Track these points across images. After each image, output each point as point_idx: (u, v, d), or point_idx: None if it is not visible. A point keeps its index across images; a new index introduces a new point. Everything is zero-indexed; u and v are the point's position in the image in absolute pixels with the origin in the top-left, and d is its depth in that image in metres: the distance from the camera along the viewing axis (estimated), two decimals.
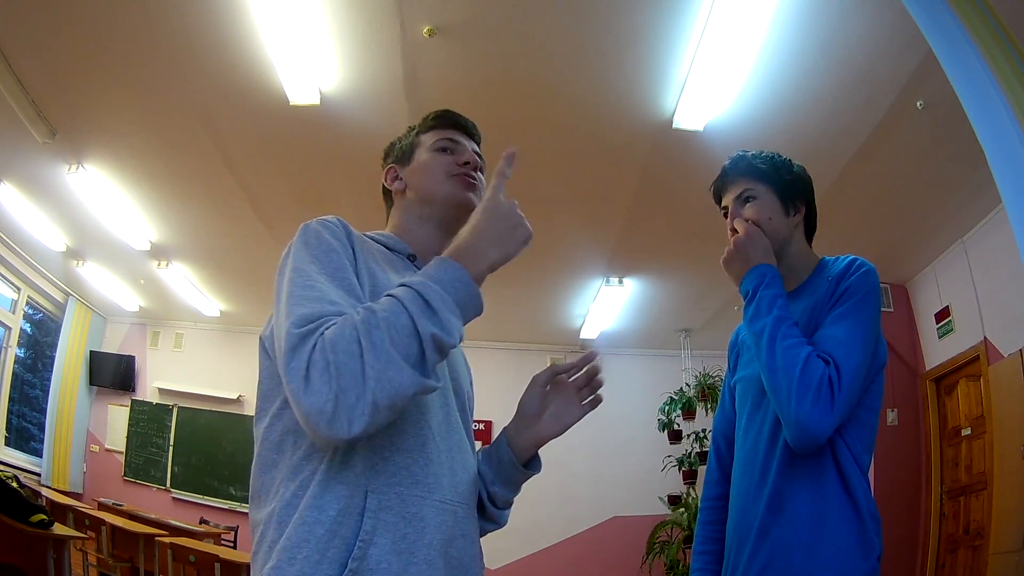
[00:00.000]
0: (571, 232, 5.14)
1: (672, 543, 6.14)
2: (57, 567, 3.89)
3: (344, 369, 0.75)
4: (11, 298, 6.36)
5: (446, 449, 0.94)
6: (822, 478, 1.23)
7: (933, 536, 4.82)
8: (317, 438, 0.78)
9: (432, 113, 1.22)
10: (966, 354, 4.70)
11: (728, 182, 1.45)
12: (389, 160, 1.22)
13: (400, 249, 1.10)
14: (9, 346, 6.25)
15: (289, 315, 0.82)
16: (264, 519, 0.86)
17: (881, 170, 4.07)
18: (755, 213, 1.39)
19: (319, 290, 0.85)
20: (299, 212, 1.07)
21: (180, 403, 7.28)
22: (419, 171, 1.15)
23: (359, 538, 0.82)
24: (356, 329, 0.77)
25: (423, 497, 0.88)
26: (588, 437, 7.27)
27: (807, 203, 1.44)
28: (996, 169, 1.63)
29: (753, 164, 1.42)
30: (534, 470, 1.11)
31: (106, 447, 7.27)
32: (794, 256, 1.41)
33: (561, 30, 3.23)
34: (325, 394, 0.75)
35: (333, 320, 0.80)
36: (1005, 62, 1.64)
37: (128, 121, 4.10)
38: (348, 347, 0.76)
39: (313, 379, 0.75)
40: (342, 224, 0.98)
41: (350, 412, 0.75)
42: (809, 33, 3.10)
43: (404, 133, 1.25)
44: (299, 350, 0.77)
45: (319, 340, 0.77)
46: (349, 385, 0.75)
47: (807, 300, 1.35)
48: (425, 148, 1.17)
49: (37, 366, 6.85)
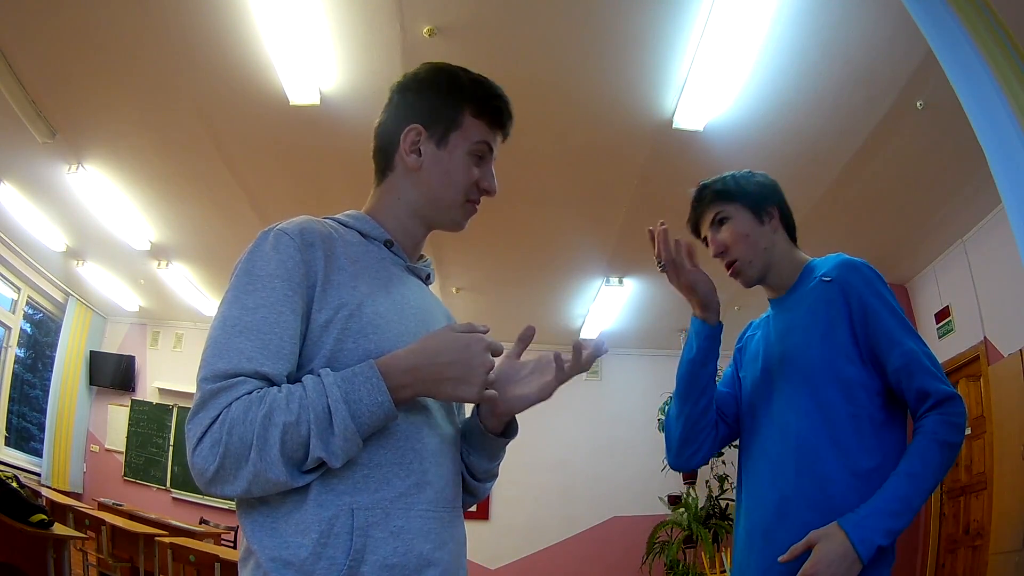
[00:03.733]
0: (571, 232, 5.14)
1: (672, 543, 6.14)
2: (57, 567, 3.89)
3: (231, 452, 0.79)
4: (11, 298, 6.36)
5: (428, 456, 0.92)
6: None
7: (933, 536, 4.82)
8: (195, 481, 0.84)
9: (492, 94, 1.03)
10: (966, 354, 4.69)
11: (700, 214, 1.48)
12: (413, 115, 1.01)
13: (377, 236, 1.02)
14: (9, 346, 6.25)
15: (206, 365, 0.84)
16: (248, 531, 0.86)
17: (881, 170, 4.07)
18: (731, 234, 1.42)
19: (244, 338, 0.84)
20: (299, 212, 1.02)
21: (180, 403, 7.27)
22: (447, 174, 1.02)
23: (350, 557, 0.81)
24: (256, 421, 0.79)
25: (407, 508, 0.87)
26: (588, 437, 7.29)
27: (778, 205, 1.46)
28: (996, 169, 1.63)
29: (715, 188, 1.46)
30: (509, 436, 1.06)
31: (106, 447, 7.27)
32: (780, 259, 1.44)
33: (561, 30, 3.23)
34: (209, 462, 0.80)
35: (246, 386, 0.82)
36: (1005, 62, 1.64)
37: (128, 121, 4.10)
38: (242, 435, 0.79)
39: (204, 446, 0.80)
40: (300, 236, 0.91)
41: (223, 485, 0.81)
42: (809, 33, 3.10)
43: (443, 85, 1.02)
44: (204, 412, 0.81)
45: (224, 412, 0.80)
46: (230, 466, 0.80)
47: (801, 303, 1.38)
48: (465, 141, 1.01)
49: (37, 366, 6.85)
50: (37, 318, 6.86)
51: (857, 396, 1.28)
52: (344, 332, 0.89)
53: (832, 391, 1.29)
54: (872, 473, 1.23)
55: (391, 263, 1.02)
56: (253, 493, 0.82)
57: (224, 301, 0.89)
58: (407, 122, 1.02)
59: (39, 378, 6.81)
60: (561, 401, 5.45)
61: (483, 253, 5.57)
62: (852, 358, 1.29)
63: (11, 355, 6.27)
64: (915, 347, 1.26)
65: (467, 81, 1.03)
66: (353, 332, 0.89)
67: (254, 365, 0.83)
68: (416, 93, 1.04)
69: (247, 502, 0.86)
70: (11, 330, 6.31)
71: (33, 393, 6.74)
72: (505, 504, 6.87)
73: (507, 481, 8.83)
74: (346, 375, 0.83)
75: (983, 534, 4.27)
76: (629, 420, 6.90)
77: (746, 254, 1.41)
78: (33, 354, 6.83)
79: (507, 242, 5.35)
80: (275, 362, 0.84)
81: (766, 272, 1.44)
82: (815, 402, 1.29)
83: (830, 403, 1.28)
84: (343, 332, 0.89)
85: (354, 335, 0.89)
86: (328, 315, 0.89)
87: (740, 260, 1.41)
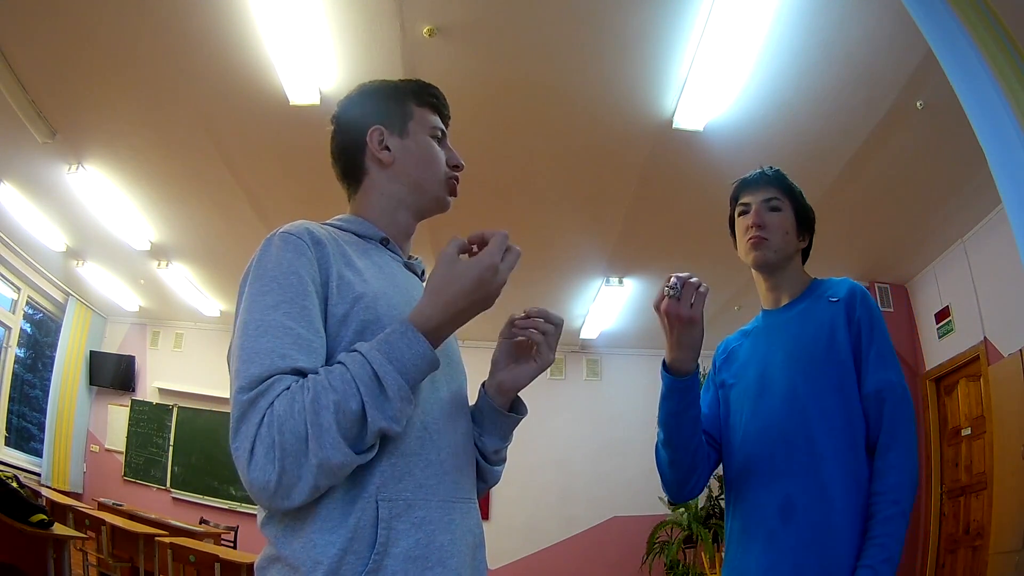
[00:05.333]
0: (571, 232, 5.14)
1: (672, 543, 6.15)
2: (57, 567, 3.89)
3: (289, 450, 0.76)
4: (11, 298, 6.36)
5: (445, 446, 0.94)
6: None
7: (933, 536, 4.82)
8: (260, 503, 0.81)
9: (427, 86, 1.12)
10: (966, 354, 4.70)
11: (761, 184, 1.51)
12: (369, 121, 1.07)
13: (371, 235, 1.04)
14: (9, 346, 6.25)
15: (239, 375, 0.81)
16: (274, 536, 0.85)
17: (881, 170, 4.07)
18: (780, 222, 1.47)
19: (271, 337, 0.83)
20: (299, 212, 1.03)
21: (180, 403, 7.28)
22: (419, 157, 1.07)
23: (375, 550, 0.81)
24: (305, 409, 0.77)
25: (428, 500, 0.88)
26: (588, 437, 7.29)
27: (811, 234, 1.55)
28: (996, 169, 1.63)
29: (787, 181, 1.52)
30: (519, 414, 1.08)
31: (106, 447, 7.27)
32: (791, 272, 1.51)
33: (561, 30, 3.23)
34: (269, 472, 0.77)
35: (284, 382, 0.80)
36: (1005, 62, 1.64)
37: (128, 121, 4.10)
38: (295, 428, 0.77)
39: (258, 455, 0.77)
40: (308, 234, 0.92)
41: (290, 490, 0.77)
42: (809, 33, 3.10)
43: (382, 91, 1.11)
44: (246, 421, 0.78)
45: (267, 414, 0.78)
46: (292, 467, 0.77)
47: (807, 317, 1.44)
48: (422, 127, 1.08)
49: (37, 366, 6.85)
50: (37, 318, 6.87)
51: (855, 407, 1.33)
52: (363, 324, 0.90)
53: (834, 400, 1.34)
54: (867, 482, 1.29)
55: (389, 259, 1.05)
56: (321, 488, 0.79)
57: (242, 310, 0.88)
58: (366, 127, 1.07)
59: (39, 378, 6.81)
60: (561, 401, 5.51)
61: None
62: (850, 371, 1.35)
63: (11, 355, 6.27)
64: (895, 380, 1.34)
65: (399, 82, 1.13)
66: (371, 323, 0.90)
67: (288, 362, 0.82)
68: (361, 105, 1.10)
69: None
70: (11, 330, 6.31)
71: (33, 393, 6.74)
72: (505, 504, 6.87)
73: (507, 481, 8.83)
74: (380, 339, 0.84)
75: (983, 534, 4.27)
76: (629, 420, 6.90)
77: (777, 243, 1.46)
78: (33, 354, 6.84)
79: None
80: (308, 355, 0.84)
81: (777, 269, 1.49)
82: (818, 409, 1.33)
83: (831, 411, 1.33)
84: (362, 324, 0.89)
85: (372, 327, 0.90)
86: (345, 308, 0.90)
87: (771, 241, 1.46)
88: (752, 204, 1.48)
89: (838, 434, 1.31)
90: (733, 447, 1.45)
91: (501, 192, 4.38)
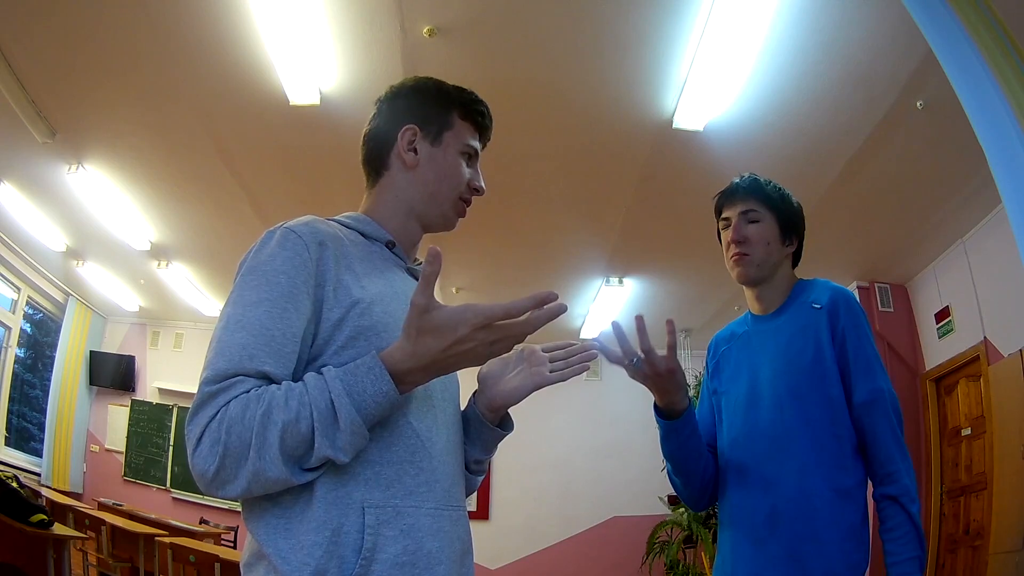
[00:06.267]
0: (571, 232, 5.14)
1: (672, 543, 6.14)
2: (57, 567, 3.89)
3: (229, 451, 0.79)
4: (11, 298, 6.36)
5: (437, 454, 0.93)
6: None
7: (933, 536, 4.82)
8: (198, 484, 0.83)
9: (479, 102, 1.10)
10: (966, 354, 4.69)
11: (737, 197, 1.50)
12: (407, 118, 1.06)
13: (378, 236, 1.03)
14: (9, 346, 6.25)
15: (208, 365, 0.83)
16: (260, 534, 0.85)
17: (881, 170, 4.07)
18: (757, 233, 1.46)
19: (245, 333, 0.84)
20: (299, 212, 1.02)
21: (180, 403, 7.28)
22: (443, 169, 1.05)
23: (361, 555, 0.81)
24: (255, 419, 0.78)
25: (418, 507, 0.88)
26: (588, 437, 7.29)
27: (799, 237, 1.53)
28: (996, 169, 1.63)
29: (764, 188, 1.49)
30: (506, 430, 1.08)
31: (106, 447, 7.27)
32: (779, 280, 1.50)
33: (561, 30, 3.23)
34: (210, 463, 0.79)
35: (244, 385, 0.81)
36: (1005, 62, 1.64)
37: (128, 121, 4.10)
38: (241, 434, 0.78)
39: (204, 445, 0.80)
40: (312, 234, 0.91)
41: (224, 484, 0.80)
42: (809, 33, 3.09)
43: (432, 90, 1.09)
44: (202, 412, 0.80)
45: (221, 411, 0.80)
46: (230, 465, 0.79)
47: (790, 325, 1.44)
48: (457, 141, 1.06)
49: (37, 366, 6.85)
50: (37, 318, 6.87)
51: (841, 417, 1.34)
52: (356, 330, 0.89)
53: (820, 411, 1.34)
54: (852, 491, 1.30)
55: (393, 264, 1.04)
56: (254, 492, 0.81)
57: (228, 301, 0.89)
58: (402, 123, 1.06)
59: (39, 378, 6.81)
60: (561, 401, 5.51)
61: (483, 253, 5.57)
62: (835, 381, 1.35)
63: (11, 355, 6.27)
64: (884, 387, 1.34)
65: (452, 88, 1.11)
66: (365, 330, 0.89)
67: (255, 364, 0.83)
68: (407, 99, 1.09)
69: (257, 505, 0.85)
70: (11, 330, 6.31)
71: (33, 393, 6.74)
72: (505, 504, 6.87)
73: (507, 481, 8.82)
74: (348, 368, 0.83)
75: (983, 534, 4.27)
76: (629, 420, 6.90)
77: (759, 256, 1.46)
78: (33, 354, 6.84)
79: (507, 242, 5.35)
80: (277, 360, 0.84)
81: (763, 281, 1.49)
82: (803, 420, 1.34)
83: (817, 422, 1.34)
84: (356, 330, 0.89)
85: (366, 333, 0.89)
86: (340, 313, 0.89)
87: (752, 257, 1.46)
88: (732, 219, 1.48)
89: (824, 445, 1.32)
90: (724, 456, 1.47)
91: (502, 192, 4.36)
